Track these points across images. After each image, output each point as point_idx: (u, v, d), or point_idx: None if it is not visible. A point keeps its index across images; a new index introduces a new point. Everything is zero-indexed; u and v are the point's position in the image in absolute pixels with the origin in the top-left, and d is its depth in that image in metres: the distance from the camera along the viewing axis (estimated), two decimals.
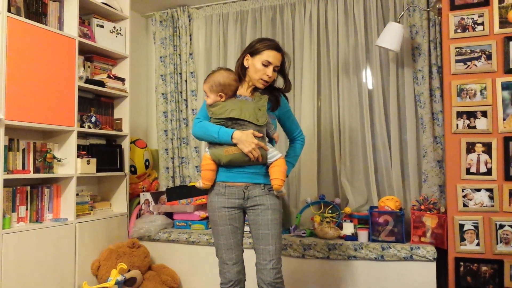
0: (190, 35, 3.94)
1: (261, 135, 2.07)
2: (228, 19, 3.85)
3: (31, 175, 2.75)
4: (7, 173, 2.58)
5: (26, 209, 2.75)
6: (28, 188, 2.78)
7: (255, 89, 2.24)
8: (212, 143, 2.12)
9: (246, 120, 2.05)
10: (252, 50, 2.20)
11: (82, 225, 2.97)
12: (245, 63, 2.23)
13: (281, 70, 2.25)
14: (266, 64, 2.15)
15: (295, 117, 2.46)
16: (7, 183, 2.58)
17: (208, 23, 3.95)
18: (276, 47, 2.19)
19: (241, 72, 2.24)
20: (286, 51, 2.28)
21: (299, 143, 2.43)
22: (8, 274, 2.47)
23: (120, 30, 3.48)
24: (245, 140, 2.02)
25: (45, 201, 2.88)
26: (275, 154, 2.11)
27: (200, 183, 2.16)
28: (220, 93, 2.11)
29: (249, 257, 2.27)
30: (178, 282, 3.23)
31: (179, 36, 3.95)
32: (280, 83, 2.33)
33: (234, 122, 2.07)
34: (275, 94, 2.25)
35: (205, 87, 2.14)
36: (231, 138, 2.04)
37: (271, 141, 2.24)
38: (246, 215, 2.21)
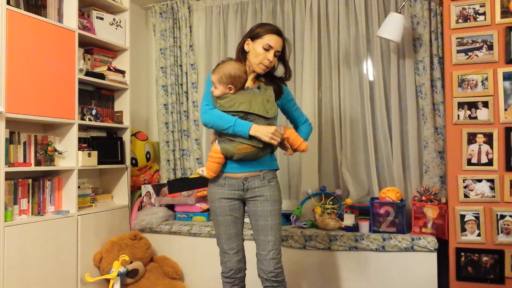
0: (190, 27, 3.93)
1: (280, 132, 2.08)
2: (228, 11, 3.83)
3: (33, 168, 2.76)
4: (9, 166, 2.59)
5: (28, 202, 2.76)
6: (30, 181, 2.78)
7: (257, 78, 2.23)
8: (222, 137, 2.09)
9: (255, 113, 2.03)
10: (253, 34, 2.18)
11: (84, 217, 2.98)
12: (246, 47, 2.21)
13: (281, 57, 2.23)
14: (267, 48, 2.14)
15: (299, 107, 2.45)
16: (8, 175, 2.58)
17: (208, 14, 3.93)
18: (277, 31, 2.17)
19: (242, 57, 2.22)
20: (287, 37, 2.26)
21: (306, 125, 2.42)
22: (10, 267, 2.48)
23: (119, 22, 3.47)
24: (262, 130, 2.00)
25: (46, 194, 2.89)
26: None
27: (204, 172, 2.15)
28: (229, 85, 2.07)
29: (250, 248, 2.28)
30: (180, 273, 3.25)
31: (179, 28, 3.94)
32: (280, 71, 2.31)
33: (242, 116, 2.04)
34: (277, 82, 2.23)
35: (214, 78, 2.09)
36: (248, 131, 2.00)
37: None
38: (246, 206, 2.22)
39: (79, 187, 3.02)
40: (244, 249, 2.24)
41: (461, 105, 2.69)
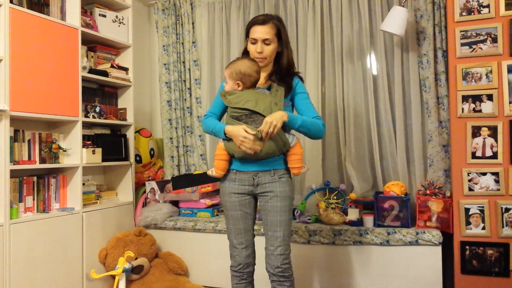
0: (192, 23, 3.92)
1: (253, 132, 1.98)
2: (231, 6, 3.81)
3: (37, 165, 2.77)
4: (13, 164, 2.60)
5: (33, 199, 2.78)
6: (35, 178, 2.80)
7: (271, 76, 2.21)
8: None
9: (260, 113, 2.01)
10: (246, 33, 2.23)
11: (89, 214, 2.99)
12: (247, 48, 2.23)
13: (280, 39, 2.20)
14: (253, 42, 2.16)
15: (312, 105, 2.23)
16: (13, 173, 2.60)
17: (210, 10, 3.92)
18: (259, 21, 2.16)
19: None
20: (277, 18, 2.21)
21: (315, 119, 2.15)
22: (16, 264, 2.50)
23: (122, 19, 3.47)
24: (235, 135, 2.01)
25: (51, 191, 2.90)
26: (291, 141, 2.08)
27: (212, 172, 2.17)
28: (238, 81, 2.07)
29: (261, 242, 2.26)
30: (185, 269, 3.26)
31: (182, 25, 3.93)
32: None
33: (247, 115, 2.03)
34: (286, 81, 2.19)
35: (225, 73, 2.11)
36: (224, 133, 2.06)
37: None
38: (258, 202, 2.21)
39: (83, 184, 3.04)
40: (254, 245, 2.23)
41: (465, 99, 2.67)
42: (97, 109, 3.18)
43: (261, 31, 2.15)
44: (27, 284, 2.56)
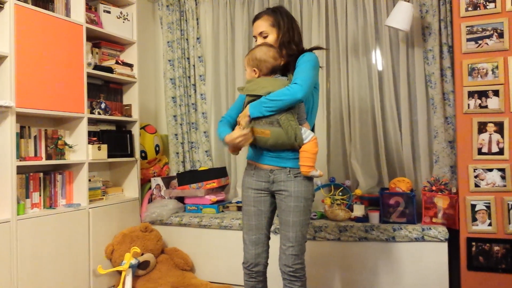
0: (197, 19, 3.92)
1: (241, 129, 2.00)
2: (235, 2, 3.81)
3: (44, 161, 2.78)
4: (20, 160, 2.61)
5: (40, 195, 2.79)
6: (41, 174, 2.81)
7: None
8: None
9: None
10: None
11: (95, 210, 3.01)
12: None
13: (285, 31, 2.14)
14: (256, 40, 2.18)
15: (309, 71, 2.01)
16: (20, 170, 2.61)
17: (215, 6, 3.91)
18: (254, 19, 2.18)
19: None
20: (273, 9, 2.17)
21: (283, 89, 1.97)
22: (23, 259, 2.52)
23: (127, 16, 3.47)
24: (232, 143, 2.02)
25: (58, 187, 2.92)
26: (305, 137, 2.00)
27: None
28: (254, 68, 2.06)
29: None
30: (191, 264, 3.27)
31: (186, 20, 3.93)
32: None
33: None
34: (292, 65, 2.10)
35: (244, 61, 2.12)
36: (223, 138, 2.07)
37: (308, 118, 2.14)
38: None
39: (89, 180, 3.05)
40: (267, 244, 2.16)
41: (471, 94, 2.66)
42: (102, 106, 3.18)
43: (257, 26, 2.16)
44: (34, 280, 2.57)
